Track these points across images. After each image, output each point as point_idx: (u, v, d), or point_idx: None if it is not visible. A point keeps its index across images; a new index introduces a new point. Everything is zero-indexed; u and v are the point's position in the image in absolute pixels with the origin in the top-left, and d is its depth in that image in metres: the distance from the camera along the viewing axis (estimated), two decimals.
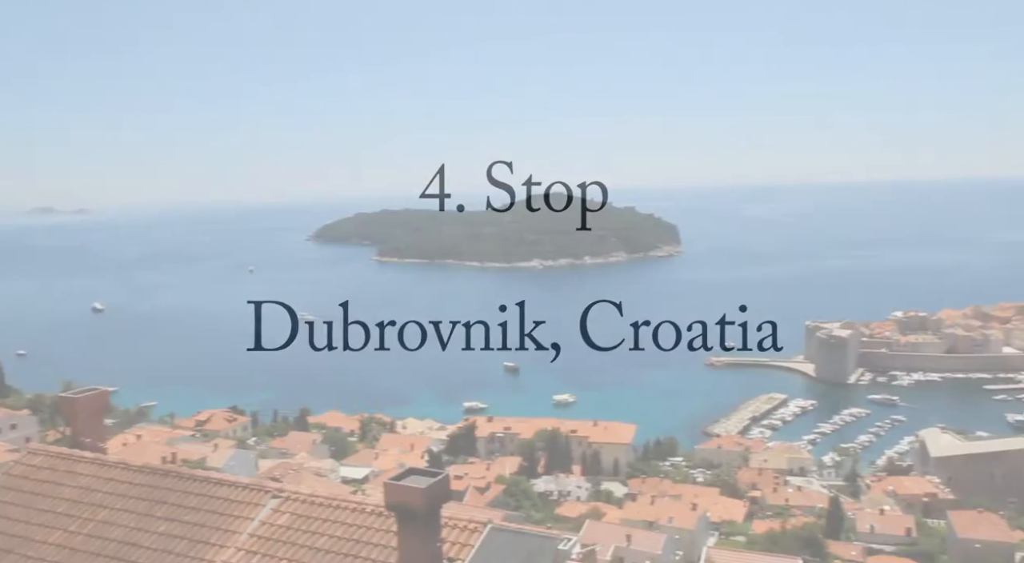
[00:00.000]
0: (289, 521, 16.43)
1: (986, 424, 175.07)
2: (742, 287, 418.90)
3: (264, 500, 17.09)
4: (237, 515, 16.84)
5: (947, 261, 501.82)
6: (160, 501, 17.54)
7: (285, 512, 16.69)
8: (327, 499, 16.87)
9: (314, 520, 16.29)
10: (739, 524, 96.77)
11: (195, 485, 17.85)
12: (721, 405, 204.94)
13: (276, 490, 17.42)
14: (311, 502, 16.81)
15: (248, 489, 17.56)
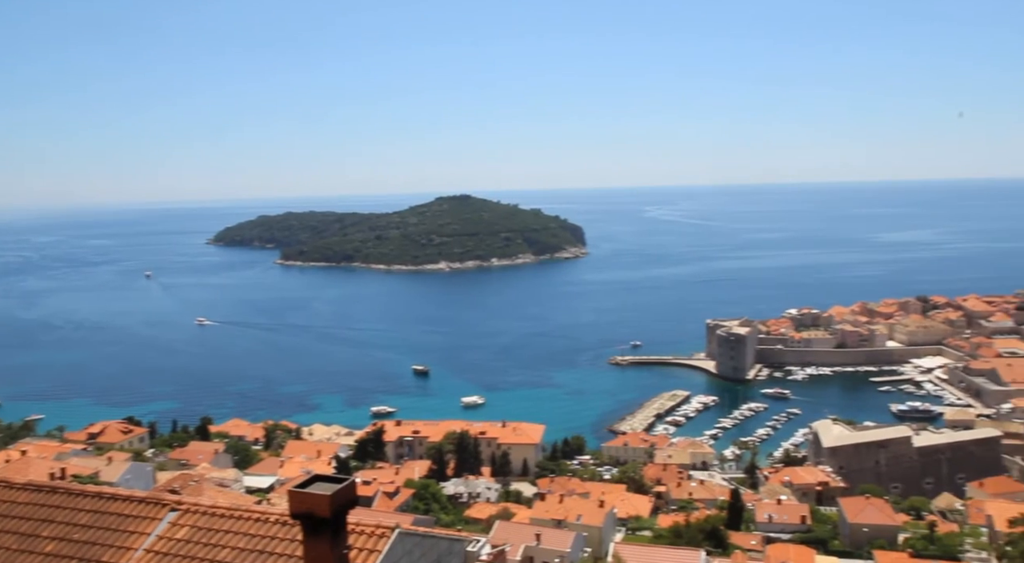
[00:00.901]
0: (188, 534, 15.85)
1: (872, 414, 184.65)
2: (645, 287, 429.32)
3: (161, 514, 16.44)
4: (132, 531, 16.15)
5: (837, 261, 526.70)
6: (47, 520, 16.62)
7: (184, 525, 16.10)
8: (229, 510, 16.36)
9: (215, 532, 15.77)
10: (645, 519, 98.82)
11: (86, 501, 17.00)
12: (626, 403, 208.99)
13: (174, 503, 16.78)
14: (212, 514, 16.27)
15: (144, 503, 16.86)
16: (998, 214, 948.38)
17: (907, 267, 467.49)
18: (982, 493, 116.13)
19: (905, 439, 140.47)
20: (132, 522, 16.36)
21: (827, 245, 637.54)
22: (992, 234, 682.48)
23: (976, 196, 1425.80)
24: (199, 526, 16.00)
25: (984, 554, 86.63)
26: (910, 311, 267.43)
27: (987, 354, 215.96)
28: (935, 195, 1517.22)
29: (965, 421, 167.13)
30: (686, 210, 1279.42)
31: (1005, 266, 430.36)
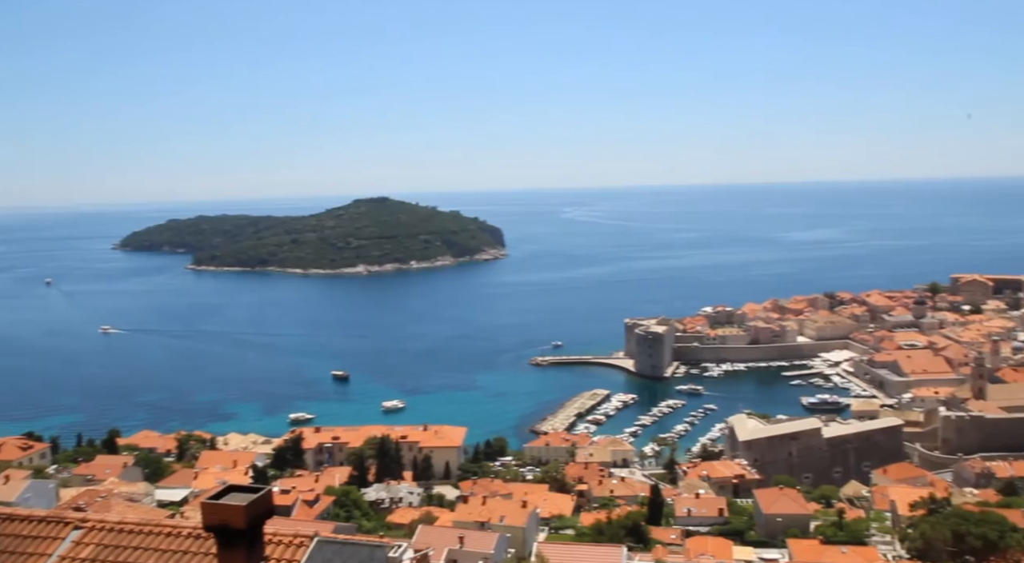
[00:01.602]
0: (94, 553, 15.09)
1: (784, 407, 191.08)
2: (565, 288, 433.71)
3: (64, 532, 15.60)
4: (32, 552, 15.28)
5: (750, 259, 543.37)
6: None
7: (89, 544, 15.32)
8: (138, 525, 15.65)
9: (123, 549, 15.06)
10: (568, 518, 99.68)
11: None
12: (548, 403, 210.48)
13: (79, 520, 15.95)
14: (119, 530, 15.53)
15: (45, 522, 15.97)
16: (901, 213, 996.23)
17: (815, 265, 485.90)
18: (886, 480, 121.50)
19: (815, 431, 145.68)
20: (31, 543, 15.47)
21: (741, 244, 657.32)
22: (892, 233, 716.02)
23: (889, 196, 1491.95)
24: (106, 543, 15.25)
25: (888, 537, 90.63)
26: (818, 307, 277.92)
27: (889, 347, 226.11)
28: (846, 195, 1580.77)
29: (870, 411, 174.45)
30: (605, 211, 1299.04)
31: (904, 263, 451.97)
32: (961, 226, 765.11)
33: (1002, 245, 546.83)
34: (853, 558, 73.82)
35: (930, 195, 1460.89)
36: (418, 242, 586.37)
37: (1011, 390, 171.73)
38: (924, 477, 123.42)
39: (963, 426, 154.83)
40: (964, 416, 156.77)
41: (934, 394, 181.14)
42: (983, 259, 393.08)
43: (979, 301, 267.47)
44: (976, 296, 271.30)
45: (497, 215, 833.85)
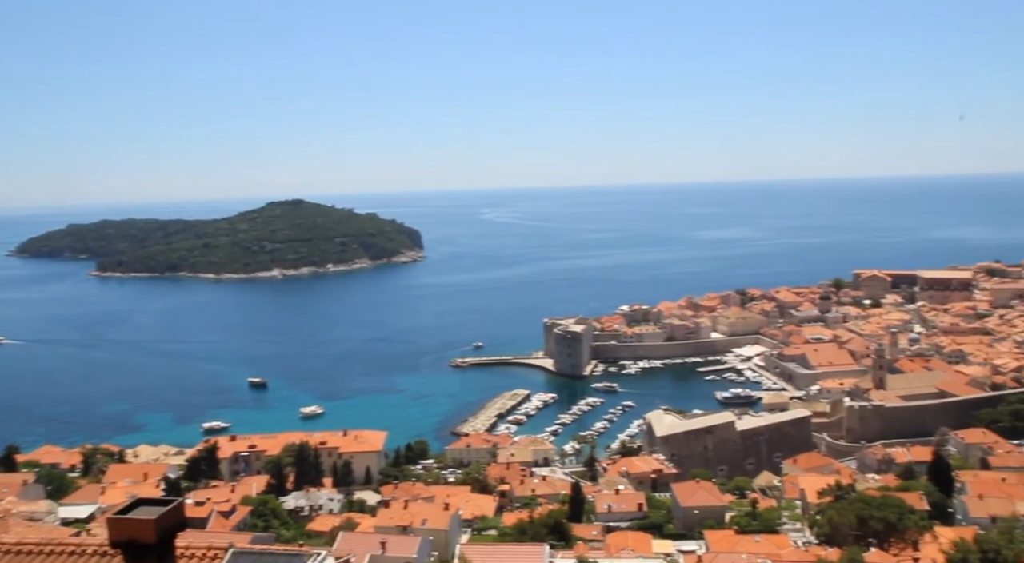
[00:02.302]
0: None
1: (699, 402, 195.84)
2: (484, 289, 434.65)
3: None
4: None
5: (665, 258, 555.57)
6: None
7: None
8: (39, 545, 14.96)
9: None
10: (490, 519, 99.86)
11: None
12: (468, 405, 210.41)
13: None
14: (18, 551, 14.81)
15: None
16: (808, 211, 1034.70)
17: (727, 263, 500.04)
18: (796, 469, 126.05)
19: (729, 424, 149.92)
20: None
21: (656, 243, 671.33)
22: (800, 231, 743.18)
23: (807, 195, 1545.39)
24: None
25: (799, 524, 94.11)
26: (730, 304, 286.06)
27: (797, 341, 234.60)
28: (756, 195, 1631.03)
29: (780, 404, 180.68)
30: (523, 212, 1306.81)
31: (810, 260, 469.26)
32: (864, 224, 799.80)
33: (900, 241, 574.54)
34: (766, 546, 76.30)
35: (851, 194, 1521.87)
36: (335, 245, 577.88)
37: (908, 380, 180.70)
38: (831, 465, 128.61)
39: (865, 415, 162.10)
40: (866, 406, 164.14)
41: (839, 386, 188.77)
42: (882, 255, 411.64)
43: (879, 295, 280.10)
44: (876, 291, 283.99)
45: (415, 217, 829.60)
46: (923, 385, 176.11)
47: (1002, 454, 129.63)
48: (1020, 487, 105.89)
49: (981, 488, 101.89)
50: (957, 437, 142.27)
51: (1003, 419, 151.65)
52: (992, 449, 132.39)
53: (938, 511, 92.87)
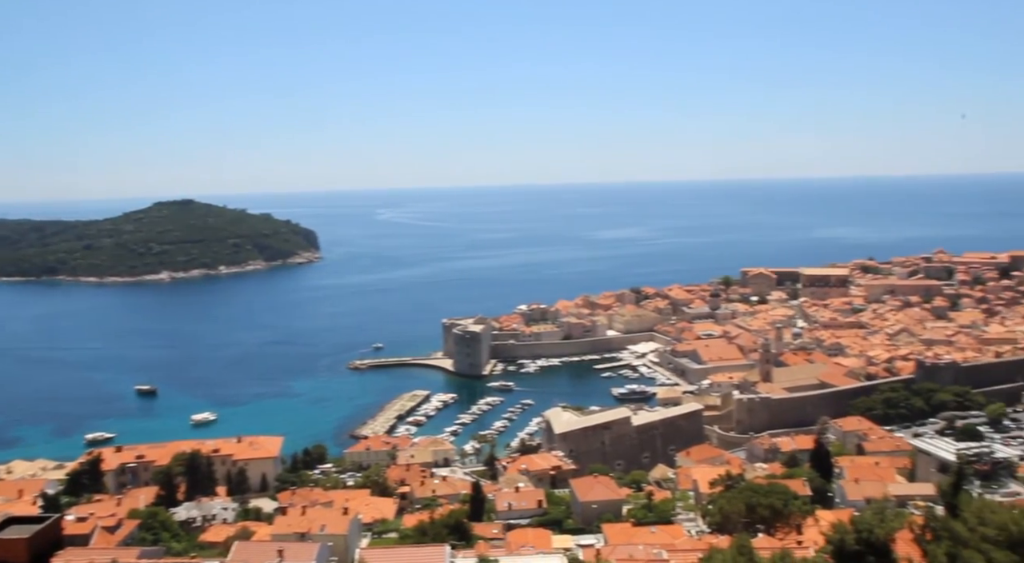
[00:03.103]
0: None
1: (597, 399, 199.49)
2: (382, 290, 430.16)
3: None
4: None
5: (561, 257, 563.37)
6: None
7: None
8: None
9: None
10: (391, 521, 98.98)
11: None
12: (367, 407, 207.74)
13: None
14: None
15: None
16: (699, 212, 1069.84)
17: (622, 262, 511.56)
18: (689, 461, 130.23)
19: (625, 420, 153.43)
20: None
21: (552, 243, 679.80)
22: (690, 230, 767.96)
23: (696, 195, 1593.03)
24: None
25: (692, 514, 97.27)
26: (625, 302, 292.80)
27: (689, 337, 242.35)
28: (649, 196, 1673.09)
29: (674, 398, 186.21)
30: (420, 212, 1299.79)
31: (701, 259, 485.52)
32: (752, 223, 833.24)
33: (785, 240, 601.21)
34: (661, 536, 78.48)
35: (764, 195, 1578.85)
36: (227, 246, 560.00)
37: (792, 372, 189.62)
38: (721, 456, 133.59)
39: (753, 407, 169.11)
40: (754, 398, 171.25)
41: (729, 379, 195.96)
42: (768, 254, 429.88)
43: (765, 292, 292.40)
44: (762, 288, 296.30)
45: (310, 217, 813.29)
46: (806, 377, 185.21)
47: (875, 440, 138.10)
48: (891, 470, 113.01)
49: (857, 472, 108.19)
50: (836, 425, 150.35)
51: (876, 407, 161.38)
52: (867, 435, 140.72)
53: (819, 496, 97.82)
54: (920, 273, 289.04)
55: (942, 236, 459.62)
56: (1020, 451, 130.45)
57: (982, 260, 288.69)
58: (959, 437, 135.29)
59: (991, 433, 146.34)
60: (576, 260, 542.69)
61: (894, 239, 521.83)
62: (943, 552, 24.62)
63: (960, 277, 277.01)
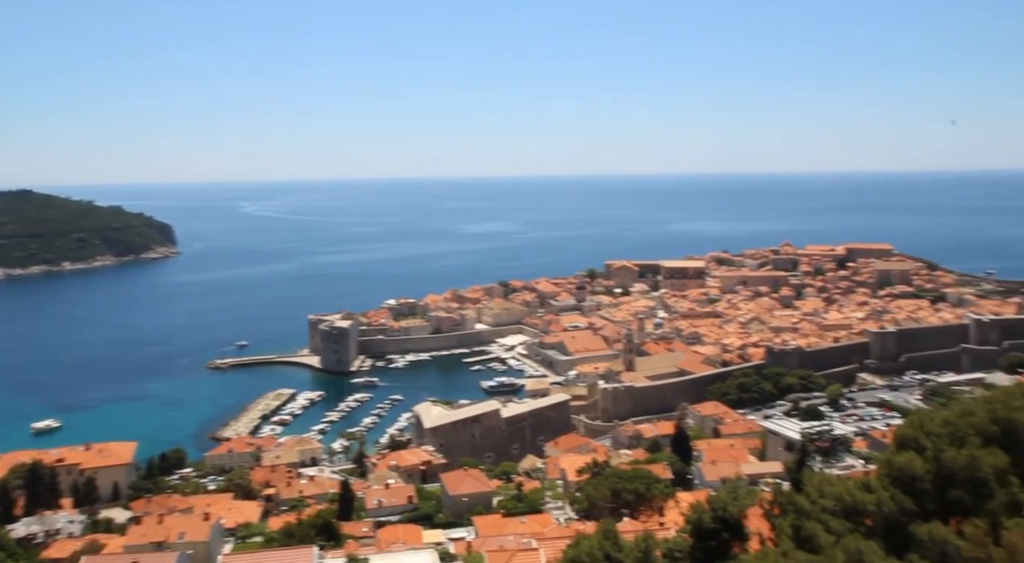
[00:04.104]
0: None
1: (466, 392, 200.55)
2: (245, 286, 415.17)
3: None
4: None
5: (430, 251, 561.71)
6: None
7: None
8: None
9: None
10: (256, 525, 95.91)
11: None
12: (229, 407, 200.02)
13: None
14: None
15: None
16: (565, 206, 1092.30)
17: (490, 256, 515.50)
18: (557, 451, 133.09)
19: (495, 412, 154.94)
20: None
21: (420, 237, 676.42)
22: (557, 224, 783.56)
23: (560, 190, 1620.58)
24: None
25: (561, 503, 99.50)
26: (494, 295, 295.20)
27: (556, 329, 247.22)
28: (514, 190, 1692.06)
29: (542, 390, 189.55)
30: (284, 206, 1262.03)
31: (567, 251, 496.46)
32: (616, 218, 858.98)
33: (646, 234, 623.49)
34: (531, 526, 79.85)
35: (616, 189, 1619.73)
36: (71, 241, 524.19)
37: (653, 361, 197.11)
38: (588, 445, 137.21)
39: (618, 396, 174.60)
40: (618, 387, 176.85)
41: (594, 369, 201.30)
42: (631, 247, 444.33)
43: (628, 284, 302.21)
44: (625, 280, 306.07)
45: (166, 210, 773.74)
46: (666, 365, 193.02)
47: (730, 423, 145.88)
48: (744, 451, 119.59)
49: (714, 454, 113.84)
50: (695, 410, 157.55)
51: (731, 392, 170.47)
52: (722, 419, 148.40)
53: (680, 478, 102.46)
54: (769, 265, 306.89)
55: (788, 230, 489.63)
56: (855, 428, 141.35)
57: (822, 252, 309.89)
58: (803, 417, 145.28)
59: (830, 412, 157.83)
60: (445, 254, 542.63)
61: (745, 232, 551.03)
62: (789, 524, 26.17)
63: (803, 268, 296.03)
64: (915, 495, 24.05)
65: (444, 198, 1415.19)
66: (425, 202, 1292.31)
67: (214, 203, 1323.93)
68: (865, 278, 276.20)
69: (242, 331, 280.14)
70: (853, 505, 24.76)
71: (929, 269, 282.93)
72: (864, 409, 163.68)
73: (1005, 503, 23.13)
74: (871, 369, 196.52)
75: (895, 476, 24.78)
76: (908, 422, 27.37)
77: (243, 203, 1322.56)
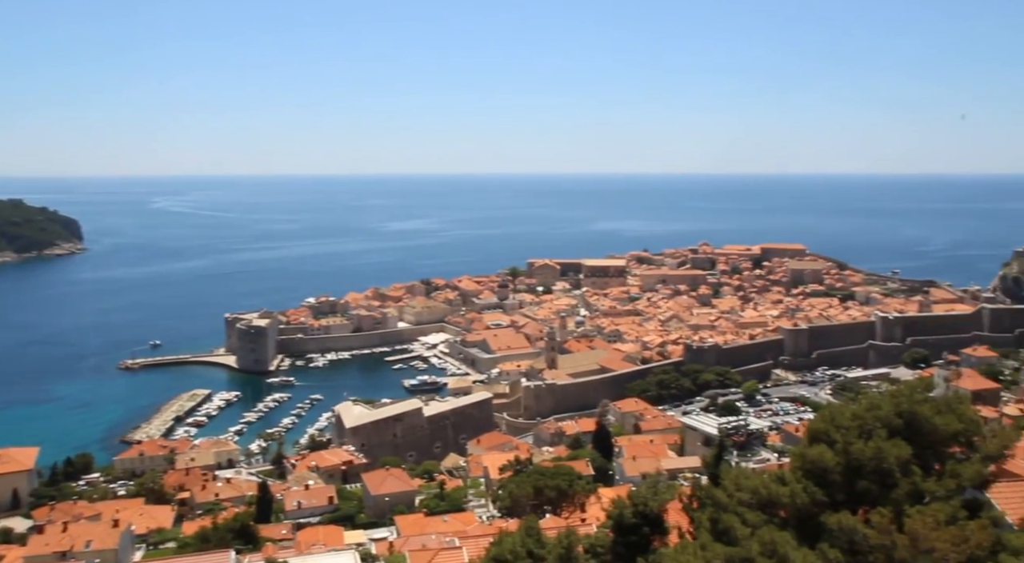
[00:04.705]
0: None
1: (388, 391, 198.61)
2: (158, 283, 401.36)
3: None
4: None
5: (351, 249, 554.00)
6: None
7: None
8: None
9: None
10: (169, 530, 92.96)
11: None
12: (141, 410, 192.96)
13: None
14: None
15: None
16: (486, 204, 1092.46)
17: (412, 253, 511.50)
18: (480, 449, 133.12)
19: (417, 411, 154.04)
20: None
21: (341, 234, 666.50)
22: (479, 222, 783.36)
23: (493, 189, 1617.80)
24: None
25: (483, 500, 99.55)
26: (416, 293, 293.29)
27: (478, 327, 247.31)
28: (440, 188, 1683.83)
29: (464, 388, 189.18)
30: (200, 201, 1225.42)
31: (489, 250, 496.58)
32: (540, 216, 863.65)
33: (569, 233, 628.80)
34: (453, 524, 79.63)
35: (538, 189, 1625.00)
36: None
37: (575, 359, 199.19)
38: (511, 442, 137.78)
39: (540, 393, 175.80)
40: (540, 385, 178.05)
41: (517, 367, 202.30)
42: (553, 245, 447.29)
43: (550, 282, 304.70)
44: (547, 278, 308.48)
45: (73, 204, 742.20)
46: (588, 363, 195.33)
47: (650, 419, 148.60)
48: (664, 446, 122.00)
49: (634, 450, 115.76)
50: (616, 407, 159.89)
51: (651, 389, 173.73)
52: (643, 415, 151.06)
53: (601, 474, 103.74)
54: (688, 264, 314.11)
55: (706, 230, 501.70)
56: (770, 423, 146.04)
57: (739, 252, 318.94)
58: (720, 413, 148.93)
59: (746, 408, 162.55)
60: (366, 251, 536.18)
61: (665, 232, 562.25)
62: (707, 518, 26.73)
63: (721, 267, 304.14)
64: (826, 486, 24.87)
65: (368, 195, 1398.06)
66: (349, 199, 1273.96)
67: (125, 198, 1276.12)
68: (779, 277, 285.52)
69: (155, 330, 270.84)
70: (768, 497, 25.47)
71: (839, 268, 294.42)
72: (778, 404, 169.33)
73: (908, 492, 24.13)
74: (785, 365, 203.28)
75: (807, 468, 25.58)
76: (819, 416, 28.28)
77: (155, 198, 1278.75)
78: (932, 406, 25.96)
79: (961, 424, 25.64)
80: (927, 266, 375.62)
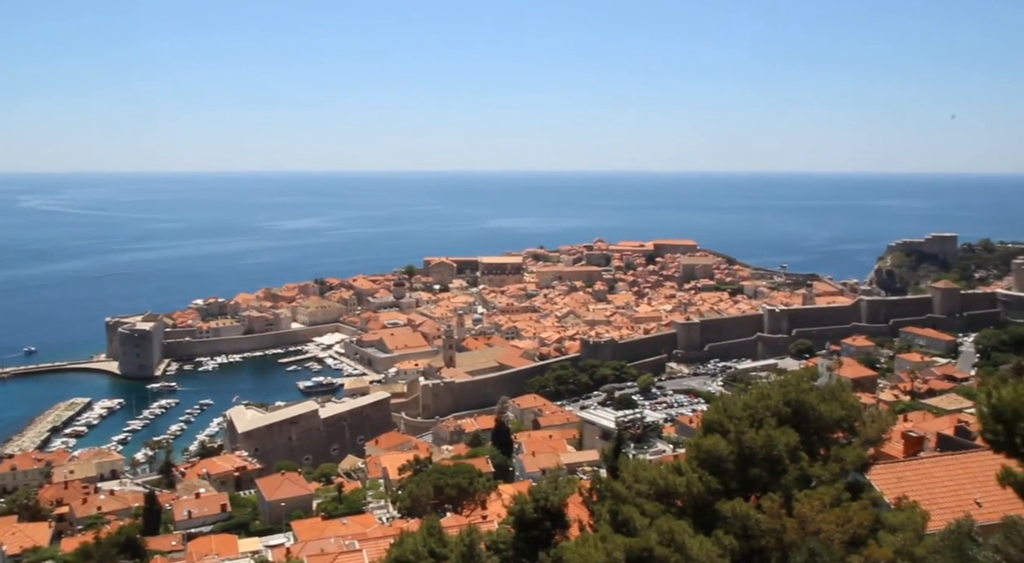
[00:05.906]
0: None
1: (282, 394, 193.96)
2: (29, 287, 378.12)
3: None
4: None
5: (240, 249, 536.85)
6: None
7: None
8: None
9: None
10: (46, 548, 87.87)
11: None
12: (13, 421, 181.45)
13: None
14: None
15: None
16: (380, 202, 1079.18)
17: (305, 252, 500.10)
18: (378, 449, 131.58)
19: (313, 413, 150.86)
20: None
21: (230, 233, 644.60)
22: (373, 221, 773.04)
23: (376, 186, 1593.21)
24: None
25: (383, 502, 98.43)
26: (310, 293, 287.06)
27: (375, 327, 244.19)
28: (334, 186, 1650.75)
29: (361, 389, 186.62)
30: (74, 200, 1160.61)
31: (385, 248, 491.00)
32: (432, 214, 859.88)
33: (464, 230, 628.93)
34: (352, 527, 78.32)
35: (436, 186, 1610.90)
36: None
37: (473, 357, 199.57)
38: (410, 442, 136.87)
39: (438, 392, 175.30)
40: (439, 383, 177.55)
41: (415, 366, 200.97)
42: (449, 243, 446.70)
43: (447, 280, 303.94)
44: (444, 276, 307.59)
45: None
46: (486, 360, 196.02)
47: (549, 414, 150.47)
48: (563, 441, 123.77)
49: (534, 446, 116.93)
50: (515, 404, 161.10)
51: (549, 384, 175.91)
52: (541, 411, 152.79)
53: (501, 471, 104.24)
54: (583, 260, 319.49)
55: (600, 226, 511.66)
56: (665, 415, 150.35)
57: (632, 248, 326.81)
58: (617, 406, 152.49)
59: (642, 401, 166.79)
60: (256, 251, 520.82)
61: (560, 229, 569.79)
62: (607, 510, 27.17)
63: (615, 263, 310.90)
64: (720, 475, 25.69)
65: (258, 193, 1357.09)
66: (234, 197, 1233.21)
67: None
68: (672, 272, 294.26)
69: (28, 336, 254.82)
70: (665, 488, 26.11)
71: (728, 263, 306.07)
72: (673, 397, 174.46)
73: (796, 477, 25.23)
74: (678, 358, 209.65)
75: (702, 458, 26.35)
76: (713, 407, 29.19)
77: (23, 196, 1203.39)
78: (817, 394, 27.20)
79: (844, 411, 26.96)
80: (809, 261, 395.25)
